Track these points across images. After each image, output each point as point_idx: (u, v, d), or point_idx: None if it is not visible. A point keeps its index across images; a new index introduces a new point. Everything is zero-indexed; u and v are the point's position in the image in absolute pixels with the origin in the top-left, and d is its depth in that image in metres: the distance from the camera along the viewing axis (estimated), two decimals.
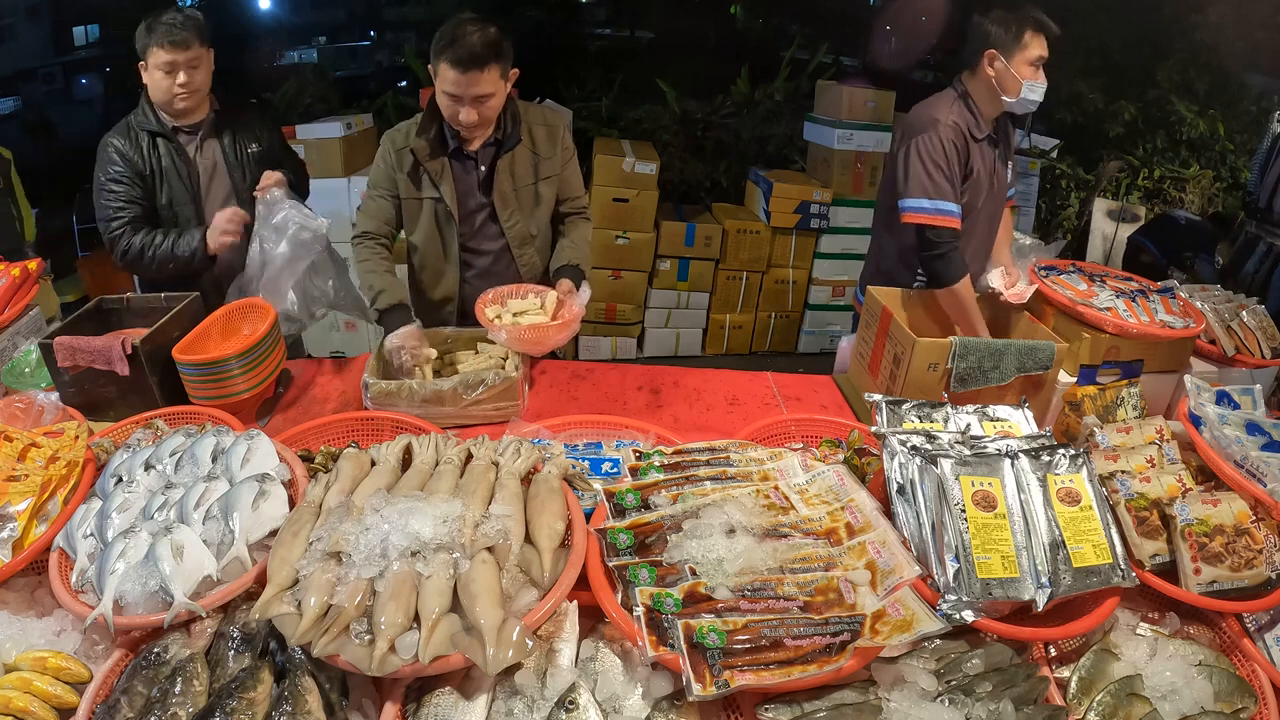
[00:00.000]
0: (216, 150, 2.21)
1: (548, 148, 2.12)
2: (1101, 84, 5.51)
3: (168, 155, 2.14)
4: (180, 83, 2.05)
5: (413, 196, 2.07)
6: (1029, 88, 2.14)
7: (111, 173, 2.10)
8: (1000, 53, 2.13)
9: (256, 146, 2.27)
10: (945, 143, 2.15)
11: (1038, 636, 1.22)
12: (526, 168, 2.09)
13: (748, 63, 5.41)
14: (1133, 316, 1.90)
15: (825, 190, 4.57)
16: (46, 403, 1.60)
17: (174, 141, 2.14)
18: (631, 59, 6.17)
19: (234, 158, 2.22)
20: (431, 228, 2.11)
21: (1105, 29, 5.40)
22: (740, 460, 1.45)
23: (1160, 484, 1.39)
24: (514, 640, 1.01)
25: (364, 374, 1.81)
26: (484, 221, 2.12)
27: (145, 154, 2.11)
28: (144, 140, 2.12)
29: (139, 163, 2.11)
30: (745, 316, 4.90)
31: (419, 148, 2.00)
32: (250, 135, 2.26)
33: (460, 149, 2.03)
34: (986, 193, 2.30)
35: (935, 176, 2.14)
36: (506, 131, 2.04)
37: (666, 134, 5.17)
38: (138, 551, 1.17)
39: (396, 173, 2.05)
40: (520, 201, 2.11)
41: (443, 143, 2.02)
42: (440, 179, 2.03)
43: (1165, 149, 5.52)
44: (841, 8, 6.43)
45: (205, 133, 2.18)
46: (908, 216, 2.17)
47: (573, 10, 7.06)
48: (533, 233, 2.17)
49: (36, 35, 6.69)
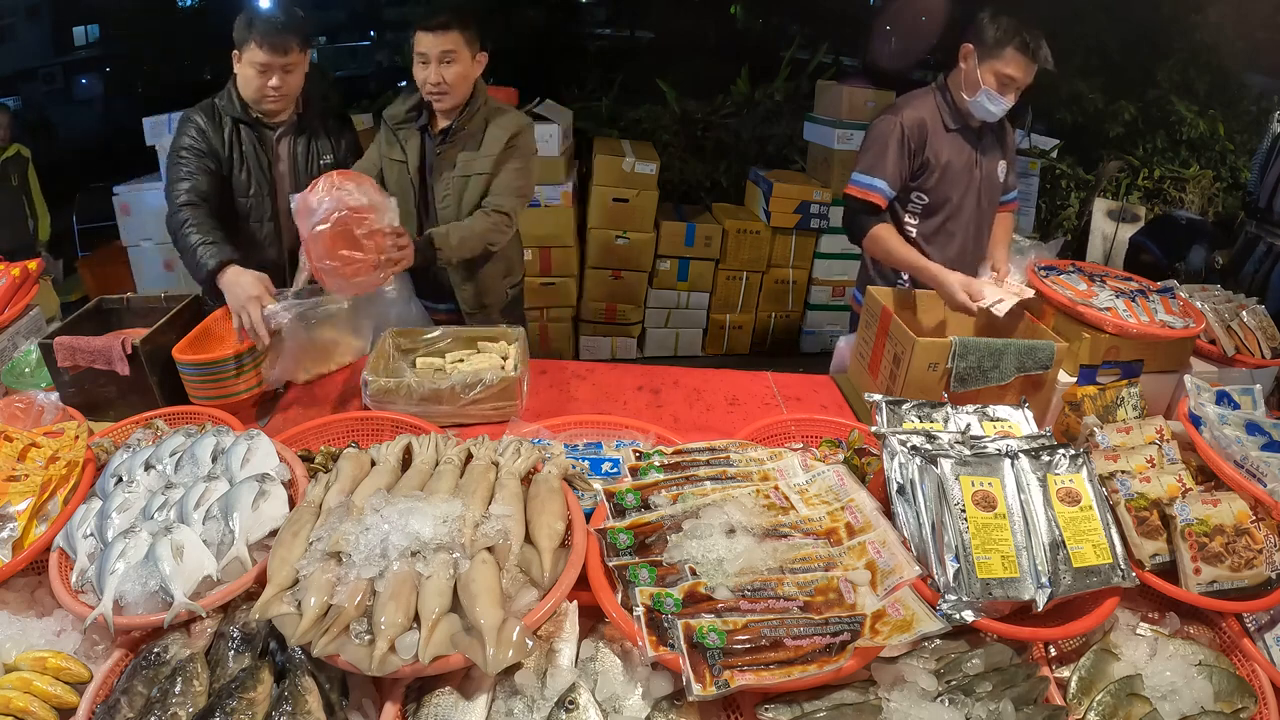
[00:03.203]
0: (289, 152, 2.20)
1: (491, 146, 2.19)
2: (1101, 84, 5.50)
3: (249, 142, 2.14)
4: (273, 85, 2.04)
5: (387, 155, 2.27)
6: (986, 95, 2.12)
7: (186, 143, 2.08)
8: (976, 50, 2.12)
9: (331, 158, 2.26)
10: (895, 126, 2.20)
11: (1038, 636, 1.21)
12: (467, 158, 2.21)
13: (748, 63, 5.41)
14: (1133, 316, 1.90)
15: (825, 190, 4.57)
16: (46, 403, 1.60)
17: (256, 130, 2.14)
18: (631, 59, 6.18)
19: (304, 164, 2.22)
20: (396, 187, 2.23)
21: (1105, 29, 5.40)
22: (740, 460, 1.45)
23: (1160, 484, 1.39)
24: (514, 640, 1.01)
25: (364, 372, 1.81)
26: (428, 198, 2.27)
27: (226, 137, 2.11)
28: (226, 124, 2.12)
29: (217, 142, 2.10)
30: (745, 316, 4.90)
31: (394, 113, 2.24)
32: (326, 145, 2.26)
33: (426, 126, 2.22)
34: (965, 187, 2.29)
35: (874, 153, 2.23)
36: (463, 120, 2.18)
37: (666, 134, 5.18)
38: (138, 551, 1.17)
39: (384, 129, 2.27)
40: (453, 187, 2.23)
41: (417, 114, 2.23)
42: (406, 143, 2.23)
43: (1165, 149, 5.53)
44: (841, 8, 6.44)
45: (284, 132, 2.19)
46: (846, 188, 2.30)
47: (573, 10, 7.06)
48: (459, 219, 2.21)
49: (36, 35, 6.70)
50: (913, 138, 2.21)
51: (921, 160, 2.24)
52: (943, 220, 2.32)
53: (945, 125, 2.24)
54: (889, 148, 2.21)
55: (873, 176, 2.23)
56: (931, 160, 2.24)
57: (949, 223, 2.32)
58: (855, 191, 2.27)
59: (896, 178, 2.23)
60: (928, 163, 2.25)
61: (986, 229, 2.41)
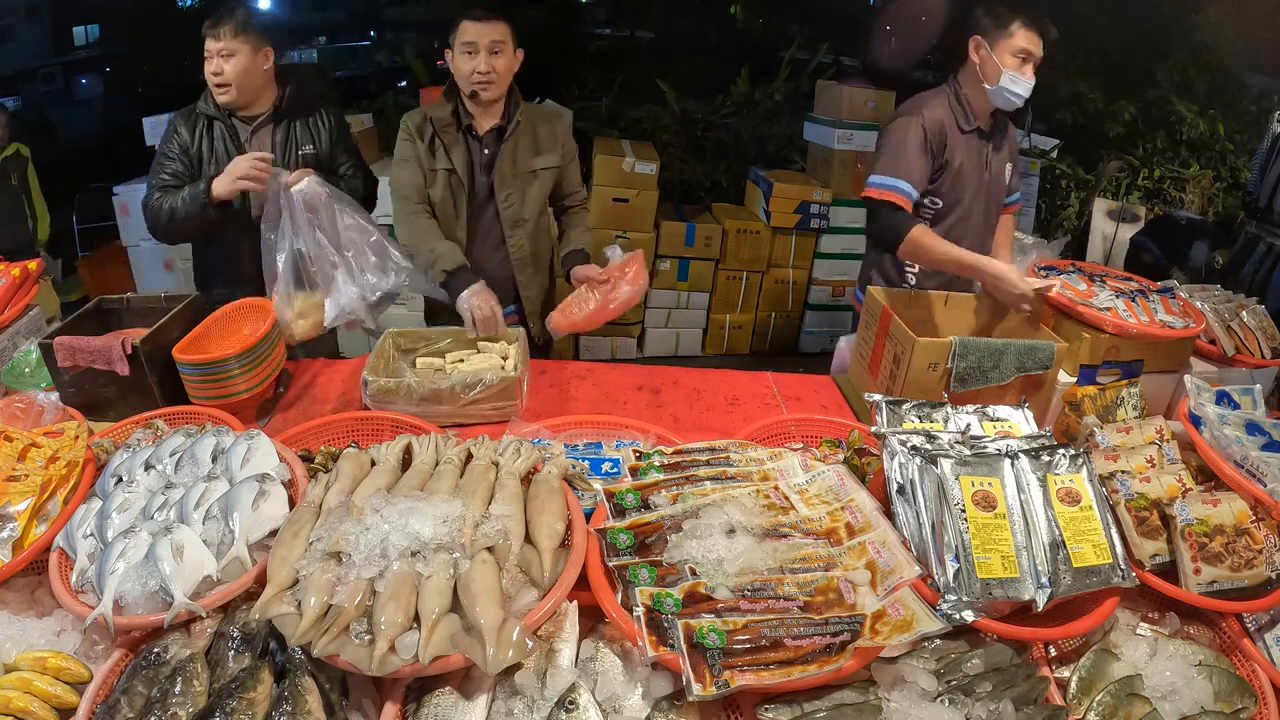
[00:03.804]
0: (268, 144, 2.22)
1: (549, 140, 2.27)
2: (1101, 84, 5.51)
3: (220, 139, 2.18)
4: (212, 70, 2.10)
5: (430, 167, 2.20)
6: (1010, 78, 2.09)
7: (163, 148, 2.18)
8: (985, 39, 2.12)
9: (311, 148, 2.26)
10: (917, 127, 2.15)
11: (1038, 636, 1.21)
12: (527, 154, 2.24)
13: (748, 63, 5.42)
14: (1133, 316, 1.90)
15: (825, 190, 4.57)
16: (46, 403, 1.60)
17: (228, 125, 2.18)
18: (631, 59, 6.18)
19: (281, 156, 2.22)
20: (446, 197, 2.22)
21: (1105, 29, 5.40)
22: (740, 460, 1.45)
23: (1160, 484, 1.39)
24: (514, 640, 1.01)
25: (364, 371, 1.81)
26: (484, 200, 2.25)
27: (198, 134, 2.17)
28: (200, 122, 2.17)
29: (189, 142, 2.17)
30: (745, 316, 4.90)
31: (438, 117, 2.17)
32: (306, 136, 2.27)
33: (471, 126, 2.18)
34: (975, 190, 2.27)
35: (897, 155, 2.15)
36: (511, 119, 2.19)
37: (666, 134, 5.18)
38: (138, 551, 1.17)
39: (418, 143, 2.18)
40: (518, 185, 2.25)
41: (457, 119, 2.18)
42: (452, 150, 2.18)
43: (1165, 149, 5.53)
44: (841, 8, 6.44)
45: (261, 124, 2.22)
46: (865, 191, 2.18)
47: (573, 10, 7.07)
48: (525, 217, 2.29)
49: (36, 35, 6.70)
50: (934, 139, 2.16)
51: (941, 162, 2.20)
52: (952, 223, 2.27)
53: (960, 127, 2.21)
54: (910, 148, 2.14)
55: (894, 177, 2.12)
56: (949, 162, 2.21)
57: (958, 225, 2.27)
58: (875, 193, 2.14)
59: (920, 179, 2.15)
60: (946, 165, 2.21)
61: (991, 231, 2.40)
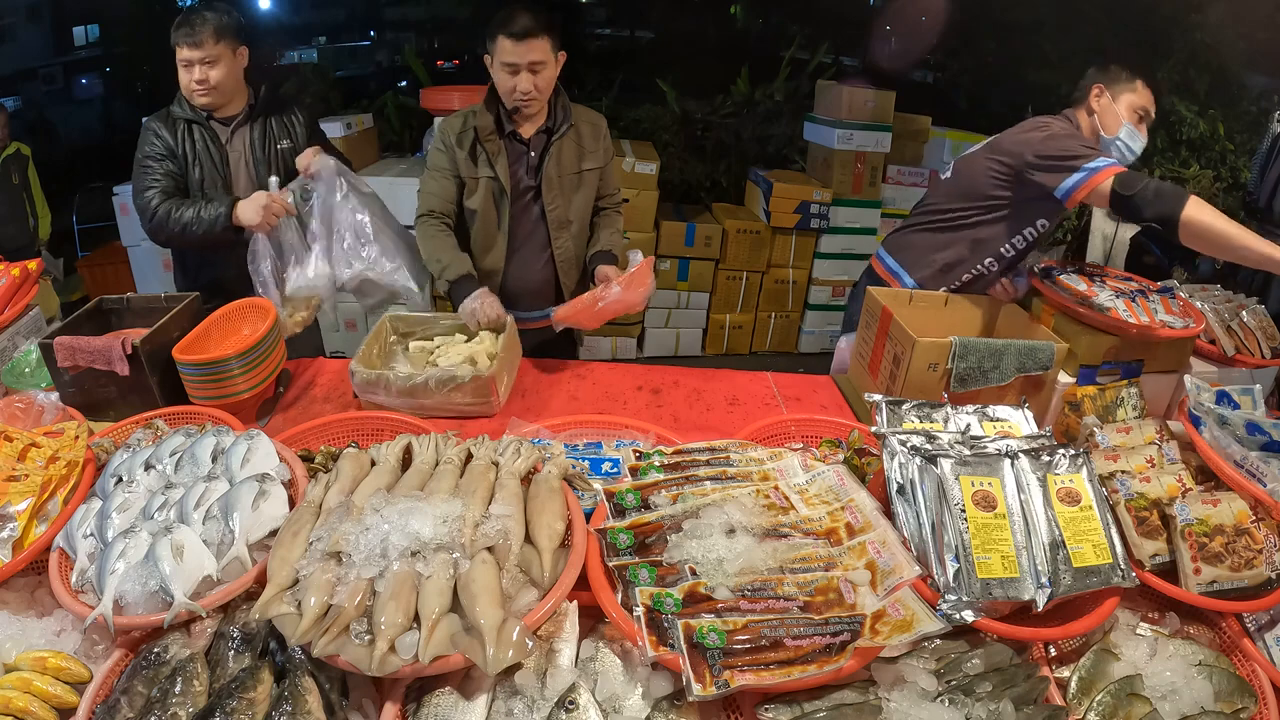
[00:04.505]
0: (245, 143, 2.26)
1: (592, 142, 2.27)
2: None
3: (201, 140, 2.20)
4: (196, 79, 2.12)
5: (471, 175, 2.20)
6: (1128, 131, 2.09)
7: (147, 150, 2.18)
8: (1108, 89, 2.11)
9: (288, 143, 2.31)
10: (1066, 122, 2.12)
11: (1038, 636, 1.21)
12: (572, 157, 2.24)
13: (748, 63, 5.41)
14: (1132, 316, 1.90)
15: (825, 190, 4.58)
16: (46, 403, 1.60)
17: (207, 129, 2.21)
18: (631, 59, 6.18)
19: (261, 152, 2.27)
20: (487, 203, 2.23)
21: (1105, 29, 5.40)
22: (740, 460, 1.45)
23: (1160, 484, 1.39)
24: (514, 640, 1.01)
25: (353, 361, 1.83)
26: (528, 203, 2.25)
27: (179, 138, 2.19)
28: (179, 126, 2.19)
29: (173, 144, 2.18)
30: (745, 316, 4.90)
31: (481, 126, 2.14)
32: (282, 131, 2.31)
33: (515, 132, 2.17)
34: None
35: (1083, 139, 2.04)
36: (557, 120, 2.19)
37: (666, 134, 5.18)
38: (138, 551, 1.17)
39: (457, 151, 2.17)
40: (563, 188, 2.25)
41: (499, 125, 2.16)
42: (495, 158, 2.17)
43: (1165, 149, 5.52)
44: (841, 8, 6.43)
45: (238, 125, 2.25)
46: (1091, 182, 1.91)
47: (573, 10, 7.06)
48: (570, 219, 2.29)
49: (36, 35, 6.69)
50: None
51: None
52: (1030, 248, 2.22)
53: None
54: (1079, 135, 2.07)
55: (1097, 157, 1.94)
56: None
57: (1033, 251, 2.24)
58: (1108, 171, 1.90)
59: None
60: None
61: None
